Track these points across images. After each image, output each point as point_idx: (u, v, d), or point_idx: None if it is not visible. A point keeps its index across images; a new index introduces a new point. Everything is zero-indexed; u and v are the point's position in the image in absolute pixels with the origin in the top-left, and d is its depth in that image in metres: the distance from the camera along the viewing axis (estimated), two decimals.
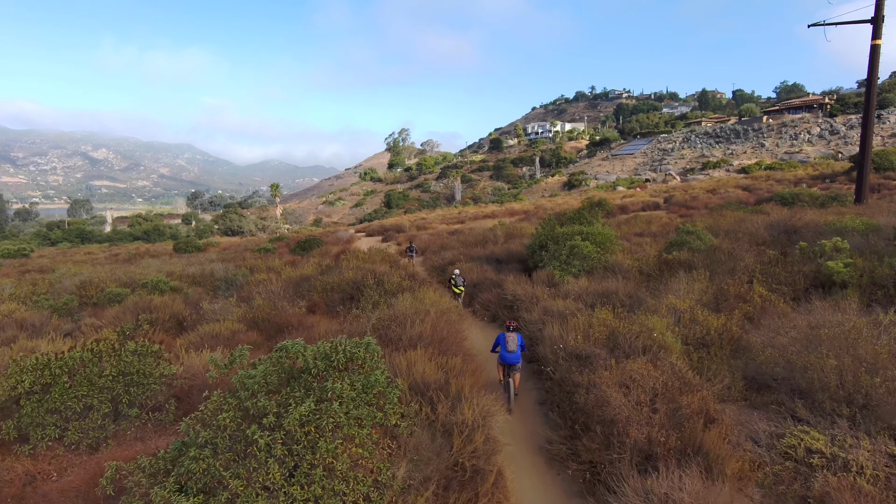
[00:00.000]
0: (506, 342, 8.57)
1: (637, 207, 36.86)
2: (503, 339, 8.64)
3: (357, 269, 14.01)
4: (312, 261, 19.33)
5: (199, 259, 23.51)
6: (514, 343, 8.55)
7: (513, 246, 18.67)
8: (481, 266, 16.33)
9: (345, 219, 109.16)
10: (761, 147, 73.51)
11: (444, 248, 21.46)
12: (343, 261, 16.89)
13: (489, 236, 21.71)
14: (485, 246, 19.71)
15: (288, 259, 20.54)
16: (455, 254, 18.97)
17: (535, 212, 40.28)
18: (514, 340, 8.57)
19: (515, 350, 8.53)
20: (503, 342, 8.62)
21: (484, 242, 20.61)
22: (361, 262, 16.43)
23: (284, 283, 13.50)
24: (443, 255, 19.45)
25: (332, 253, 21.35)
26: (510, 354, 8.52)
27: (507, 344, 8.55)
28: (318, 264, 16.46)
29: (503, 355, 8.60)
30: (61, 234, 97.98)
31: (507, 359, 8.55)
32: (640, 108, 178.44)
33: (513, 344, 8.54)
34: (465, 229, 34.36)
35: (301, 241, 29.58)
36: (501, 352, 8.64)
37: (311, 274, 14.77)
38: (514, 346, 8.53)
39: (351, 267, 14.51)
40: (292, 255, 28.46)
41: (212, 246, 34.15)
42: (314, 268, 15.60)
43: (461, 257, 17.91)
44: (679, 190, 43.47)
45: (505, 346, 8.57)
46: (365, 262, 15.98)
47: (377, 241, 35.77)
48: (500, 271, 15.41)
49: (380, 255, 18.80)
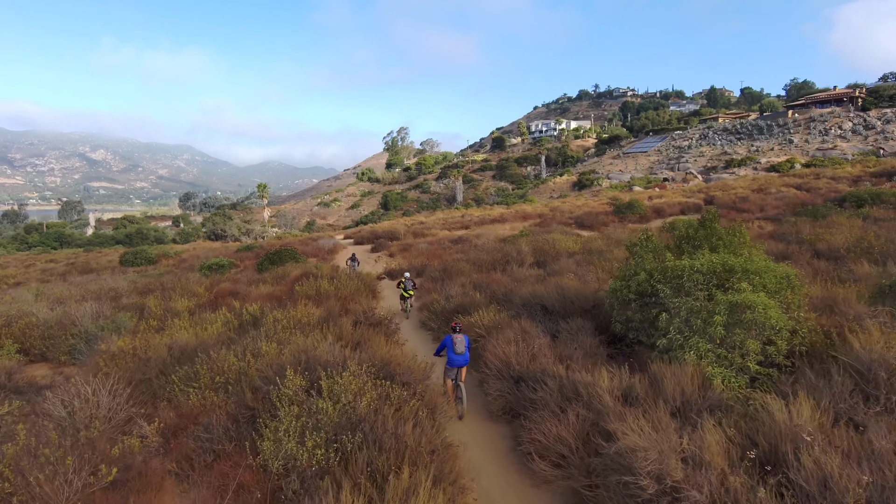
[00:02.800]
0: (454, 345, 8.15)
1: (675, 210, 31.15)
2: (450, 342, 8.19)
3: (293, 333, 8.34)
4: (262, 289, 13.78)
5: (116, 283, 17.59)
6: (463, 345, 8.17)
7: (564, 279, 11.70)
8: (522, 325, 9.20)
9: (340, 220, 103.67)
10: (789, 143, 67.86)
11: (447, 272, 15.16)
12: (297, 292, 11.45)
13: (511, 253, 15.69)
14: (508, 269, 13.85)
15: (228, 285, 14.82)
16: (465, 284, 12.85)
17: (552, 215, 34.60)
18: (462, 342, 8.19)
19: (464, 352, 8.15)
20: (450, 345, 8.18)
21: (505, 263, 14.80)
22: (322, 299, 10.98)
23: (140, 364, 7.60)
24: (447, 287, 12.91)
25: (291, 276, 15.60)
26: (458, 357, 8.11)
27: (456, 346, 8.14)
28: (237, 317, 9.98)
29: (452, 359, 8.14)
30: (38, 237, 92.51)
31: (457, 362, 8.13)
32: (645, 107, 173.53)
33: (461, 346, 8.15)
34: (472, 236, 28.71)
35: (271, 252, 23.95)
36: (449, 354, 8.18)
37: (207, 342, 8.11)
38: (462, 348, 8.13)
39: (285, 327, 8.70)
40: (256, 271, 22.91)
41: (167, 257, 28.60)
42: (231, 321, 9.49)
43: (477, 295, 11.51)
44: (716, 189, 37.74)
45: (453, 348, 8.14)
46: (326, 301, 10.54)
47: (367, 251, 30.14)
48: (558, 338, 8.76)
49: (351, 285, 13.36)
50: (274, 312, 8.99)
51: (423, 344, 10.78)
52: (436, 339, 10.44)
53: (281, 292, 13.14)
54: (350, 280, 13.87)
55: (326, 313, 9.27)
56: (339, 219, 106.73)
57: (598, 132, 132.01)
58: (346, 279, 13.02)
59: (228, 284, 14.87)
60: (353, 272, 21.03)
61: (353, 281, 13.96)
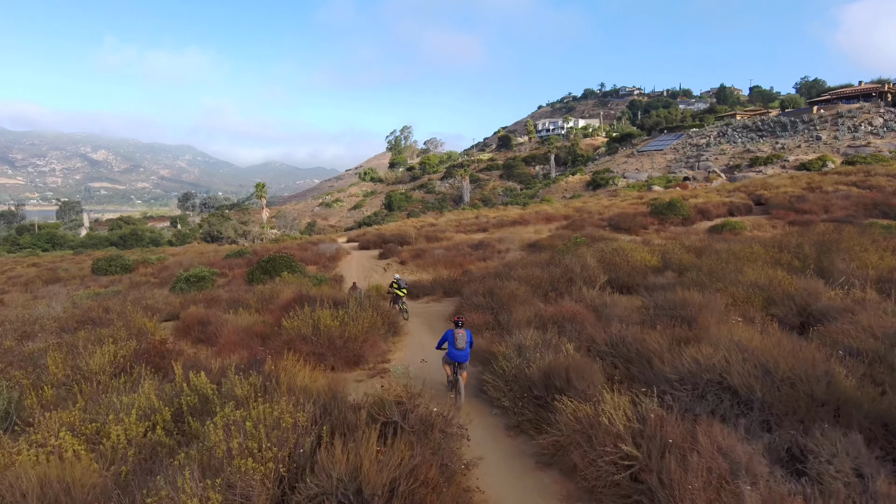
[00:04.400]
0: (454, 339, 7.99)
1: (721, 211, 27.62)
2: (451, 336, 8.05)
3: None
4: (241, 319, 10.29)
5: (52, 307, 13.70)
6: (464, 340, 8.00)
7: (721, 326, 7.39)
8: (714, 441, 4.63)
9: (342, 221, 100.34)
10: (816, 140, 64.25)
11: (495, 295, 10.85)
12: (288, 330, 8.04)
13: (572, 267, 11.89)
14: (572, 289, 10.08)
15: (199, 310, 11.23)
16: (533, 320, 8.97)
17: (579, 217, 31.08)
18: (464, 337, 8.01)
19: (465, 347, 8.01)
20: (451, 339, 8.03)
21: (567, 281, 11.08)
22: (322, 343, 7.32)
23: None
24: (509, 324, 9.02)
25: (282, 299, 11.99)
26: (459, 352, 7.97)
27: (456, 341, 7.98)
28: (175, 396, 5.70)
29: (451, 353, 8.03)
30: (31, 238, 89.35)
31: (456, 356, 7.98)
32: (653, 105, 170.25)
33: (462, 341, 7.99)
34: (494, 241, 25.22)
35: (263, 259, 20.51)
36: (449, 349, 8.06)
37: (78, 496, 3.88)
38: (462, 344, 7.98)
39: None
40: (246, 281, 19.47)
41: (147, 264, 25.05)
42: (159, 412, 5.36)
43: (569, 346, 7.49)
44: (758, 188, 34.13)
45: (453, 343, 7.99)
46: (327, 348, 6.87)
47: (373, 257, 26.67)
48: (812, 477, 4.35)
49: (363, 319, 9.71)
50: (238, 385, 5.48)
51: (510, 463, 6.13)
52: (526, 441, 6.60)
53: (264, 328, 9.65)
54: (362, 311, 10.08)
55: (330, 394, 5.57)
56: (341, 219, 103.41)
57: (607, 130, 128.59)
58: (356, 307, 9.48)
59: (199, 309, 11.37)
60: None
61: (366, 312, 10.16)
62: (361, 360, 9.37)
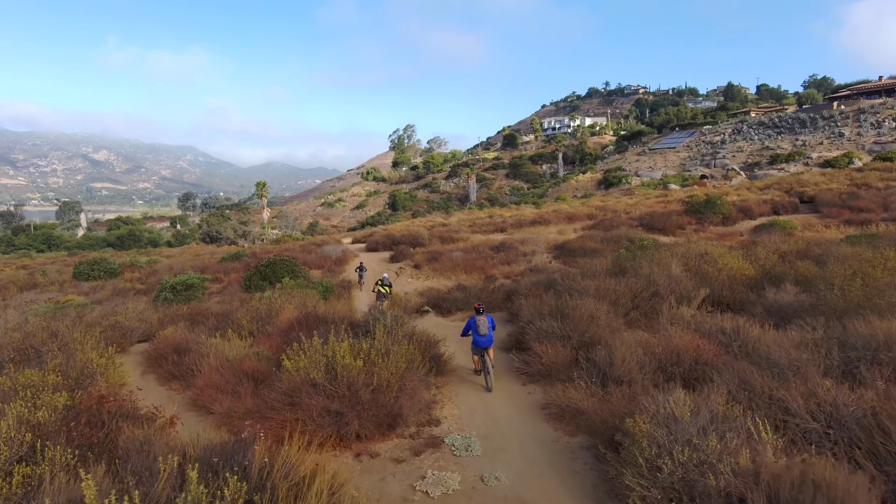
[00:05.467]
0: (477, 326, 8.15)
1: (764, 210, 25.24)
2: (474, 324, 8.21)
3: None
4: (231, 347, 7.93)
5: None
6: (486, 326, 8.22)
7: None
8: None
9: (345, 222, 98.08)
10: (839, 137, 61.78)
11: (565, 315, 8.40)
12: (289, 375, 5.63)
13: (655, 277, 9.36)
14: (655, 304, 7.62)
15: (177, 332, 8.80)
16: (636, 366, 6.62)
17: (605, 216, 28.71)
18: (485, 323, 8.24)
19: (487, 333, 8.21)
20: (474, 327, 8.20)
21: (651, 297, 8.51)
22: (341, 394, 4.87)
23: None
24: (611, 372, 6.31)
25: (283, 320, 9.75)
26: (483, 338, 8.17)
27: (479, 328, 8.15)
28: None
29: (476, 340, 8.20)
30: (26, 239, 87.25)
31: (481, 343, 8.18)
32: (660, 104, 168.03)
33: (484, 327, 8.19)
34: (516, 242, 22.87)
35: (262, 263, 18.20)
36: (474, 336, 8.22)
37: None
38: (485, 330, 8.20)
39: None
40: (242, 289, 17.24)
41: (136, 267, 22.72)
42: None
43: None
44: (797, 185, 31.72)
45: (476, 330, 8.16)
46: (349, 405, 4.53)
47: (384, 260, 24.35)
48: None
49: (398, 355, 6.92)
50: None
51: None
52: None
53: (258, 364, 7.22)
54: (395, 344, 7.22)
55: None
56: (344, 220, 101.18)
57: (615, 129, 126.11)
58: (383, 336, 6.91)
59: (178, 331, 9.01)
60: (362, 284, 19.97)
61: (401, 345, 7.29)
62: (398, 421, 6.60)
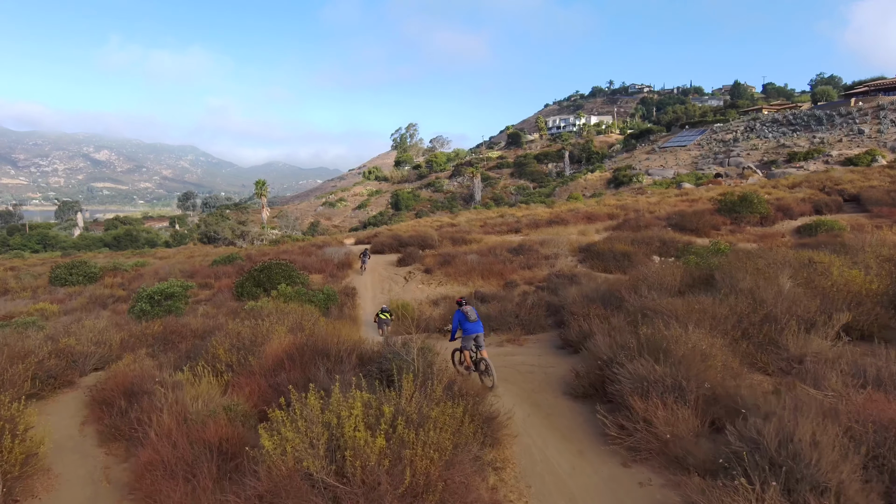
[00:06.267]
0: (465, 315, 7.93)
1: (805, 209, 23.18)
2: (463, 316, 7.94)
3: None
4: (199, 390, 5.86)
5: None
6: (474, 313, 8.05)
7: None
8: None
9: (346, 222, 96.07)
10: (859, 134, 59.64)
11: (677, 364, 5.16)
12: (269, 449, 3.63)
13: (767, 297, 6.47)
14: (770, 333, 5.47)
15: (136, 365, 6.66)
16: None
17: (627, 216, 26.64)
18: (473, 311, 8.07)
19: (477, 319, 8.02)
20: (463, 317, 7.95)
21: (762, 322, 6.17)
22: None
23: None
24: None
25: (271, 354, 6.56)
26: (474, 324, 7.94)
27: (468, 315, 7.94)
28: None
29: (468, 327, 7.91)
30: (21, 239, 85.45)
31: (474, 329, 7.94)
32: (666, 102, 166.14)
33: (473, 314, 8.01)
34: (535, 244, 20.81)
35: (256, 268, 16.19)
36: (465, 326, 7.93)
37: None
38: (475, 316, 8.01)
39: None
40: (234, 296, 15.27)
41: (119, 271, 20.67)
42: None
43: None
44: (832, 182, 29.60)
45: (466, 318, 7.93)
46: None
47: (390, 263, 22.32)
48: None
49: (444, 428, 3.85)
50: None
51: None
52: None
53: (228, 426, 4.94)
54: (434, 404, 4.41)
55: None
56: (345, 220, 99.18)
57: (621, 128, 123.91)
58: (412, 391, 4.28)
59: (135, 362, 7.02)
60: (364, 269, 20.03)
61: (443, 407, 4.39)
62: None
